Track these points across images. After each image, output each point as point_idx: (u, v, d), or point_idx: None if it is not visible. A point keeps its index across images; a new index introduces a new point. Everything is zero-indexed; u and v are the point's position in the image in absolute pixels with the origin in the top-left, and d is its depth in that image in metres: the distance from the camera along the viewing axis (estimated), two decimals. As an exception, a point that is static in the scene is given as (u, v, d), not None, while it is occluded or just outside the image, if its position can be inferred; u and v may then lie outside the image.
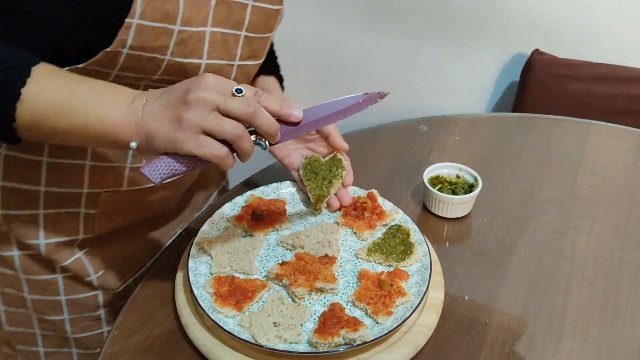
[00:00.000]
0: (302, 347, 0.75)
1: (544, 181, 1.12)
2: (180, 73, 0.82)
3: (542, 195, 1.08)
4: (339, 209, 0.96)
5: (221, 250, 0.87)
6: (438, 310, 0.82)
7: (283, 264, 0.85)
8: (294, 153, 1.00)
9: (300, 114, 0.73)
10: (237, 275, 0.84)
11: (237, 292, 0.80)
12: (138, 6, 0.72)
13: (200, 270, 0.84)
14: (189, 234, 0.96)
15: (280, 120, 0.72)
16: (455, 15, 1.61)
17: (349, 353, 0.75)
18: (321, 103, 0.77)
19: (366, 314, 0.79)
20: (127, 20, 0.72)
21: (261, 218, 0.92)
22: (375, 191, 0.98)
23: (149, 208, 0.98)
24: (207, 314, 0.76)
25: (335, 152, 0.99)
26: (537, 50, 1.56)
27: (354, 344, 0.73)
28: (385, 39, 1.71)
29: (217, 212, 0.94)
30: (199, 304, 0.78)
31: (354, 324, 0.75)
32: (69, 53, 0.74)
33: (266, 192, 0.99)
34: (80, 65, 0.75)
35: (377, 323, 0.78)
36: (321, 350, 0.73)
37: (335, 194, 0.96)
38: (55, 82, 0.69)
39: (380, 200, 0.97)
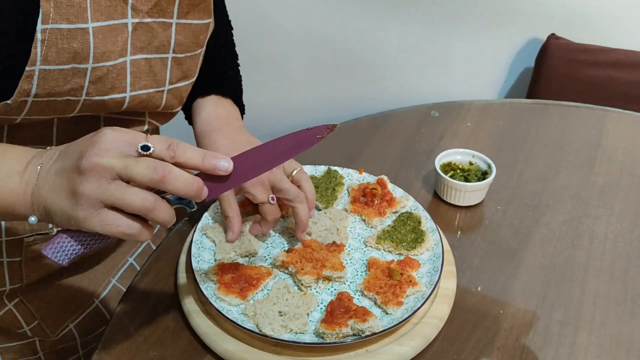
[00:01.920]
0: (309, 338, 0.72)
1: (560, 169, 1.08)
2: (102, 109, 0.72)
3: (557, 183, 1.05)
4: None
5: (225, 236, 0.84)
6: (450, 301, 0.79)
7: (289, 251, 0.82)
8: None
9: (230, 164, 0.60)
10: (241, 262, 0.82)
11: (241, 280, 0.78)
12: (38, 50, 0.62)
13: (203, 256, 0.82)
14: (192, 220, 0.94)
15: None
16: (469, -1, 1.57)
17: (357, 344, 0.72)
18: (258, 145, 0.65)
19: (375, 303, 0.77)
20: (27, 68, 0.62)
21: (267, 204, 0.89)
22: (385, 177, 0.95)
23: None
24: (210, 302, 0.74)
25: (329, 166, 0.96)
26: (553, 35, 1.51)
27: (363, 335, 0.71)
28: (396, 23, 1.67)
29: (222, 197, 0.91)
30: (202, 291, 0.75)
31: (363, 314, 0.72)
32: None
33: (272, 178, 0.96)
34: None
35: (387, 313, 0.75)
36: (328, 341, 0.71)
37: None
38: None
39: (390, 186, 0.94)
